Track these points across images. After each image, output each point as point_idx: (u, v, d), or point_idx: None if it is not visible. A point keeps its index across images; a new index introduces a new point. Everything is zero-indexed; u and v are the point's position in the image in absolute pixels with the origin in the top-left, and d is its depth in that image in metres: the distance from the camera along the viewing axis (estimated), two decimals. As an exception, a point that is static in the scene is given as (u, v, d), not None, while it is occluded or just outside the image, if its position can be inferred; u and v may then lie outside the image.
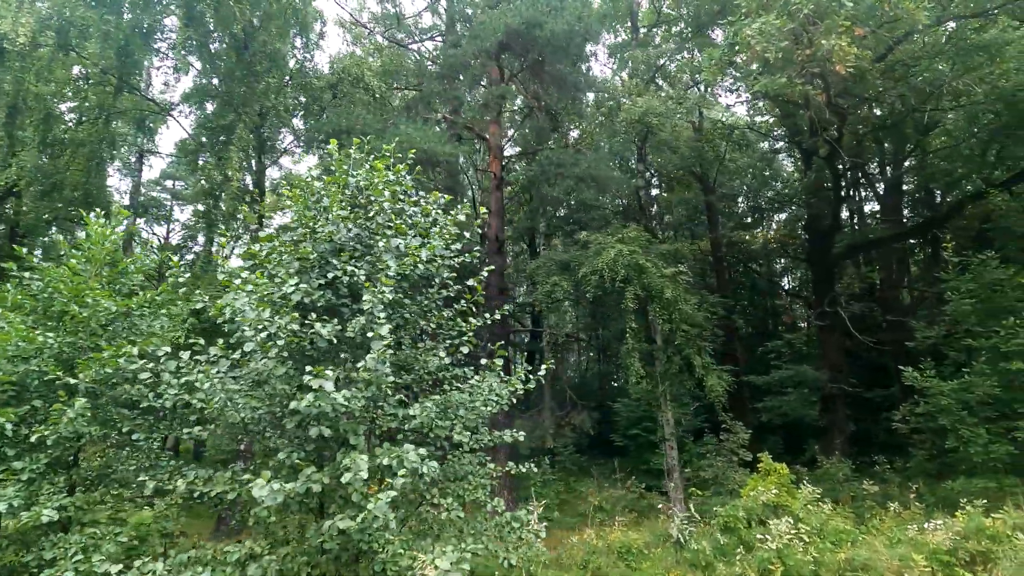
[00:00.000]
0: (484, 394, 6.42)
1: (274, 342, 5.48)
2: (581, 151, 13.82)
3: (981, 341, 10.90)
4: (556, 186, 12.96)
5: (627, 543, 10.10)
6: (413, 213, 7.21)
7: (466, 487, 6.49)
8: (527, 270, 14.08)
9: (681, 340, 12.05)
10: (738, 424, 14.87)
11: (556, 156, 12.98)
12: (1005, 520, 8.11)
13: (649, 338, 14.60)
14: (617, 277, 11.51)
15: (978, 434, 10.32)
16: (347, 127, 12.05)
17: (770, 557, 7.89)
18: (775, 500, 9.82)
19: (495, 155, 16.98)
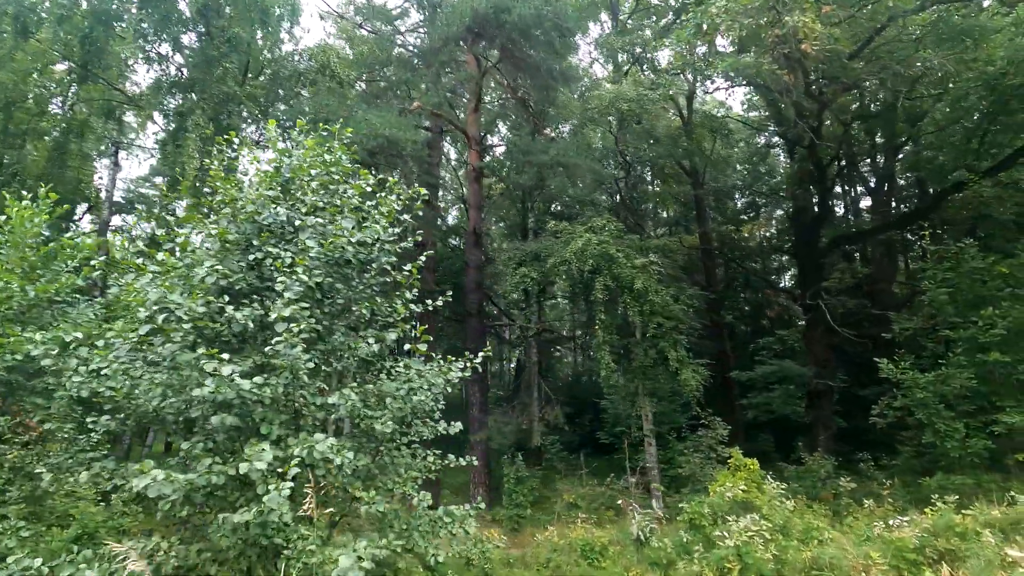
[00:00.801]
0: (414, 383, 6.09)
1: (178, 325, 5.18)
2: (554, 140, 13.48)
3: (959, 332, 10.52)
4: (523, 174, 12.61)
5: (590, 541, 9.78)
6: (349, 194, 6.89)
7: (395, 480, 6.17)
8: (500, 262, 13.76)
9: (654, 332, 11.70)
10: (717, 420, 14.52)
11: (524, 144, 12.65)
12: (975, 517, 7.75)
13: (627, 331, 14.27)
14: (585, 267, 11.17)
15: (955, 428, 9.95)
16: (311, 115, 11.75)
17: (727, 555, 7.56)
18: (743, 497, 9.48)
19: (473, 147, 16.66)
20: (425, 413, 6.76)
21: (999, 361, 9.73)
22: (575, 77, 13.64)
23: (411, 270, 6.94)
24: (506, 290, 12.33)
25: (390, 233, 7.17)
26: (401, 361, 6.22)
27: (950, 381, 10.17)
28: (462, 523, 6.08)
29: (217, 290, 5.81)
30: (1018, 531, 7.45)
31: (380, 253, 6.98)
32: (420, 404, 6.32)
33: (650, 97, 11.66)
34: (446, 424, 6.63)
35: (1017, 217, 12.08)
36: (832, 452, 15.80)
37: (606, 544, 9.55)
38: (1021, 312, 9.81)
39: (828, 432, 17.20)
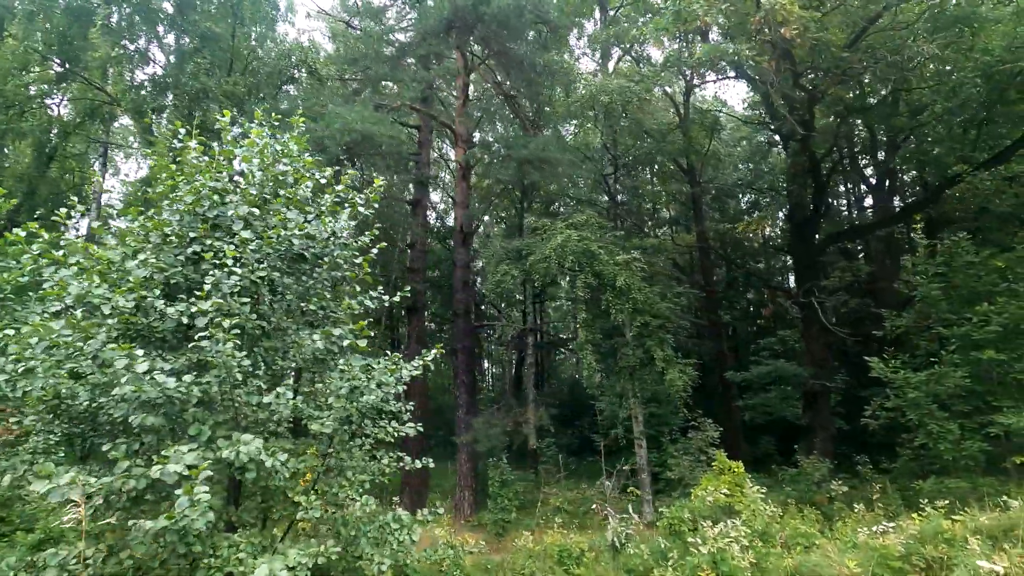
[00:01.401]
0: (358, 382, 5.80)
1: (101, 320, 4.94)
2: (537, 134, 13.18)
3: (953, 329, 10.08)
4: (503, 169, 12.32)
5: (567, 548, 9.44)
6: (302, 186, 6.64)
7: (343, 483, 5.88)
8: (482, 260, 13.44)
9: (638, 331, 11.35)
10: (707, 422, 14.12)
11: (504, 138, 12.35)
12: (965, 523, 7.33)
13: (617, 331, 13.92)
14: (565, 264, 10.85)
15: (949, 430, 9.51)
16: (287, 111, 11.53)
17: (700, 563, 7.20)
18: (726, 501, 9.10)
19: (460, 144, 16.41)
20: (376, 414, 6.48)
21: (994, 359, 9.29)
22: (559, 71, 13.36)
23: (362, 264, 6.68)
24: (488, 289, 12.02)
25: (345, 227, 6.92)
26: (345, 359, 5.90)
27: (943, 380, 9.74)
28: (409, 530, 5.75)
29: (156, 285, 5.57)
30: (1009, 538, 7.03)
31: (334, 247, 6.72)
32: (368, 404, 6.02)
33: (632, 90, 11.33)
34: (398, 425, 6.34)
35: (1014, 210, 11.60)
36: (830, 454, 15.34)
37: (584, 550, 9.20)
38: (1017, 308, 9.37)
39: (826, 434, 16.70)
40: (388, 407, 7.75)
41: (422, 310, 18.09)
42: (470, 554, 9.51)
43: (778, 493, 14.43)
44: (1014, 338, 9.48)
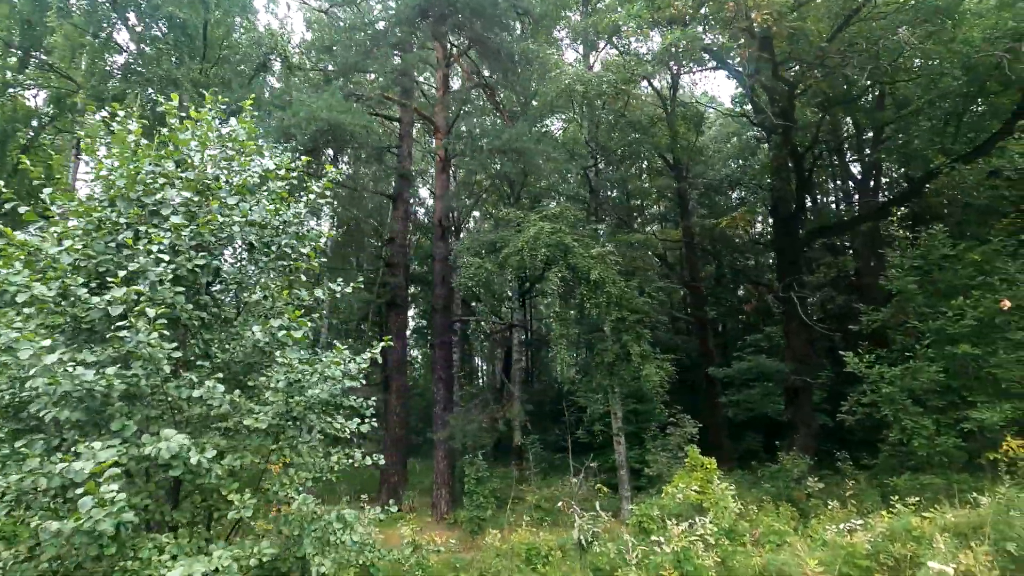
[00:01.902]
0: (296, 375, 5.55)
1: (18, 310, 4.68)
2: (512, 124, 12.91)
3: (928, 323, 9.94)
4: (474, 158, 12.06)
5: (536, 546, 9.23)
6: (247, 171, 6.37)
7: (284, 481, 5.63)
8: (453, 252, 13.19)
9: (613, 325, 11.14)
10: (686, 418, 13.96)
11: (476, 128, 12.08)
12: (935, 520, 7.18)
13: (594, 326, 13.73)
14: (538, 256, 10.63)
15: (923, 425, 9.37)
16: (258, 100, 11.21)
17: (663, 561, 7.01)
18: (697, 498, 8.92)
19: (440, 136, 16.13)
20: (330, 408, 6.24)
21: (969, 354, 9.15)
22: (536, 60, 13.08)
23: (309, 254, 6.42)
24: (460, 283, 11.78)
25: (297, 216, 6.68)
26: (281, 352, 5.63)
27: (918, 375, 9.59)
28: (351, 529, 5.51)
29: (83, 273, 5.31)
30: (979, 535, 6.87)
31: (283, 236, 6.47)
32: (313, 398, 5.78)
33: (608, 79, 11.09)
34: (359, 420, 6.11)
35: (991, 202, 11.45)
36: (812, 450, 15.22)
37: (553, 549, 9.00)
38: (993, 302, 9.23)
39: (808, 430, 16.58)
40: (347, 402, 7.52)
41: (403, 306, 17.83)
42: (435, 553, 9.31)
43: (757, 490, 14.34)
44: (989, 332, 9.34)
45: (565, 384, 13.25)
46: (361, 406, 8.22)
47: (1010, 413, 8.64)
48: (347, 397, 7.42)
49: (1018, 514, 6.53)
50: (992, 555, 6.33)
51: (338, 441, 7.23)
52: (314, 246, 6.54)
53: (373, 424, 6.87)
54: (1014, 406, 8.79)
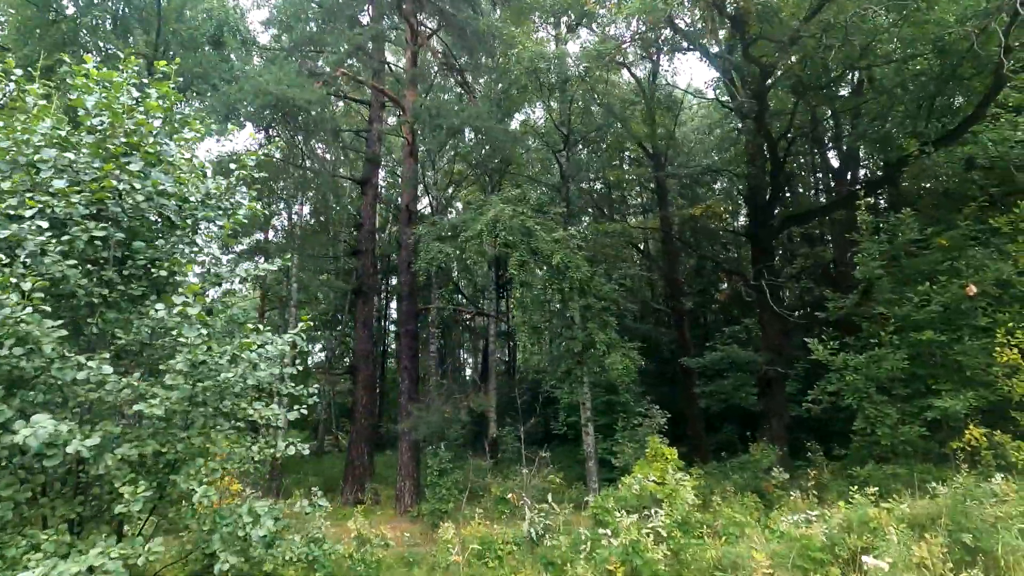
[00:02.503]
0: (202, 357, 5.10)
1: None
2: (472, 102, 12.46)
3: (894, 310, 9.70)
4: (432, 137, 11.59)
5: (490, 539, 8.89)
6: (158, 140, 5.87)
7: (190, 473, 5.19)
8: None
9: (577, 312, 10.78)
10: (655, 408, 13.68)
11: (434, 105, 11.60)
12: (892, 511, 6.92)
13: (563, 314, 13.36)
14: (498, 240, 10.21)
15: (887, 414, 9.14)
16: (200, 75, 10.64)
17: (611, 555, 6.68)
18: (655, 489, 8.61)
19: (408, 119, 15.60)
20: (245, 394, 5.79)
21: (934, 341, 8.92)
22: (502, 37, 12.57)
23: (224, 226, 5.96)
24: (418, 268, 11.33)
25: (219, 188, 6.21)
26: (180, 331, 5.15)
27: (883, 363, 9.35)
28: (258, 524, 5.09)
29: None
30: (937, 526, 6.63)
31: (202, 209, 6.00)
32: (226, 382, 5.34)
33: (574, 56, 10.66)
34: (257, 408, 5.66)
35: (961, 188, 11.21)
36: (784, 441, 15.05)
37: (509, 542, 8.65)
38: (959, 288, 8.99)
39: (780, 421, 16.41)
40: (284, 389, 7.09)
41: (369, 293, 17.35)
42: (383, 547, 8.93)
43: (726, 481, 14.14)
44: (955, 319, 9.12)
45: (530, 373, 12.87)
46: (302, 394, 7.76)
47: (973, 401, 8.43)
48: (284, 383, 7.00)
49: (974, 504, 6.28)
50: (947, 547, 6.08)
51: (268, 430, 6.78)
52: (234, 220, 6.08)
53: (302, 412, 6.48)
54: (977, 394, 8.58)
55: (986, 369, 8.67)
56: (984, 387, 8.65)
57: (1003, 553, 5.93)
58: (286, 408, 6.53)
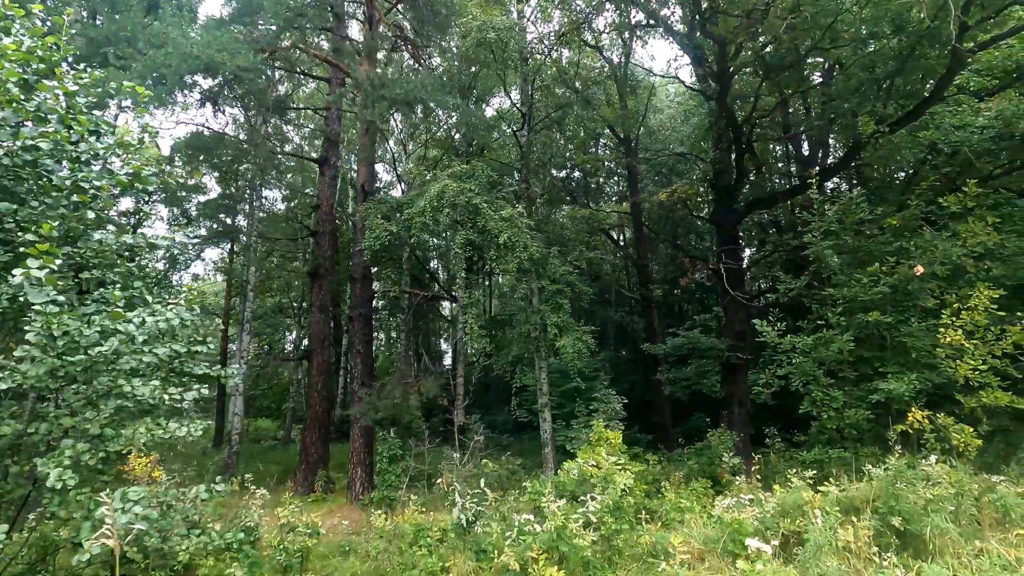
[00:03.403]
0: (80, 330, 4.63)
1: None
2: (417, 72, 11.94)
3: (843, 291, 9.51)
4: (372, 108, 11.07)
5: (424, 526, 8.55)
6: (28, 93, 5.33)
7: (53, 457, 4.73)
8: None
9: (524, 292, 10.42)
10: (611, 394, 13.44)
11: (375, 76, 11.05)
12: (827, 495, 6.71)
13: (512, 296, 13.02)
14: (441, 217, 9.78)
15: (833, 397, 8.97)
16: (127, 39, 9.96)
17: (535, 542, 6.38)
18: (593, 473, 8.32)
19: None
20: (125, 371, 5.33)
21: (881, 322, 8.74)
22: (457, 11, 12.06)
23: (101, 188, 5.45)
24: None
25: (94, 149, 5.68)
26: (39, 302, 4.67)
27: (829, 345, 9.16)
28: (124, 511, 4.66)
29: None
30: (870, 509, 6.43)
31: (63, 163, 5.48)
32: (101, 356, 4.87)
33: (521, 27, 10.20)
34: (136, 384, 5.20)
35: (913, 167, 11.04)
36: (747, 428, 14.95)
37: (444, 529, 8.32)
38: (908, 268, 8.82)
39: (742, 408, 16.31)
40: (195, 368, 6.65)
41: (326, 276, 16.78)
42: (309, 535, 8.53)
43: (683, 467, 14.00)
44: (903, 300, 8.95)
45: (472, 353, 12.50)
46: (219, 375, 7.32)
47: (918, 384, 8.27)
48: (187, 361, 6.54)
49: (904, 487, 6.08)
50: (874, 530, 5.88)
51: (177, 412, 6.38)
52: (116, 182, 5.58)
53: (201, 391, 6.05)
54: (923, 376, 8.43)
55: (931, 351, 8.52)
56: (929, 369, 8.51)
57: (931, 536, 5.75)
58: (194, 388, 6.08)
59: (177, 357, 6.66)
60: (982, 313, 8.16)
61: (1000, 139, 10.97)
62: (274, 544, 7.88)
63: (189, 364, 6.81)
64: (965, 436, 7.83)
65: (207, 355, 7.15)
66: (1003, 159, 11.70)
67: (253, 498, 9.50)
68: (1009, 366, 8.28)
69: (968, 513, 6.28)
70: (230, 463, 17.85)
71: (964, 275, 9.46)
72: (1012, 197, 11.52)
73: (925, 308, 8.86)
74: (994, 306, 8.18)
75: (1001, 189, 11.60)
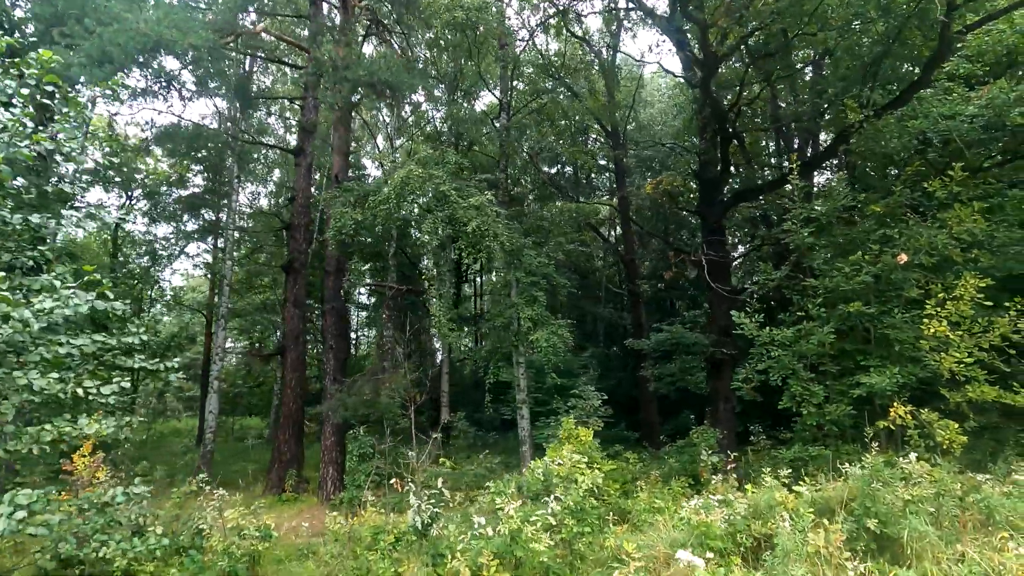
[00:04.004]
0: None
1: None
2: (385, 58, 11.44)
3: (824, 281, 9.10)
4: (334, 92, 10.59)
5: (383, 529, 8.11)
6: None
7: None
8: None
9: (498, 285, 9.97)
10: (589, 390, 13.01)
11: (336, 58, 10.57)
12: (800, 495, 6.29)
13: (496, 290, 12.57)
14: (405, 204, 9.32)
15: (812, 392, 8.56)
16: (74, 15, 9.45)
17: (487, 546, 5.94)
18: (558, 471, 7.89)
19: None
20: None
21: (863, 313, 8.33)
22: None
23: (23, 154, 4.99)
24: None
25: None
26: None
27: (810, 338, 8.75)
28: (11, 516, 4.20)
29: None
30: (849, 511, 6.01)
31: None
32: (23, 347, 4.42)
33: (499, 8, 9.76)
34: (35, 376, 4.74)
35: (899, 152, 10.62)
36: (733, 425, 14.56)
37: (395, 532, 7.88)
38: (891, 256, 8.41)
39: (729, 404, 15.91)
40: (124, 360, 6.20)
41: (301, 270, 16.30)
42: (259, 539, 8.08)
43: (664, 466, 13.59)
44: (886, 290, 8.54)
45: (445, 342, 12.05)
46: (158, 368, 6.90)
47: (901, 377, 7.86)
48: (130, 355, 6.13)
49: (880, 486, 5.66)
50: (848, 533, 5.46)
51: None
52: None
53: (122, 384, 5.61)
54: (907, 370, 8.02)
55: (915, 343, 8.11)
56: (913, 363, 8.10)
57: (909, 540, 5.33)
58: (114, 382, 5.63)
59: (109, 350, 6.22)
60: (968, 303, 7.75)
61: (991, 128, 10.56)
62: (218, 549, 7.42)
63: (123, 357, 6.38)
64: (950, 432, 7.42)
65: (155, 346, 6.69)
66: (994, 150, 11.30)
67: (210, 499, 9.07)
68: (996, 359, 7.87)
69: (950, 514, 5.87)
70: (204, 462, 17.38)
71: (952, 266, 9.07)
72: (1003, 187, 11.14)
73: (909, 299, 8.45)
74: (981, 295, 7.78)
75: (991, 179, 11.21)
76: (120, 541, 5.55)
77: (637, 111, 27.50)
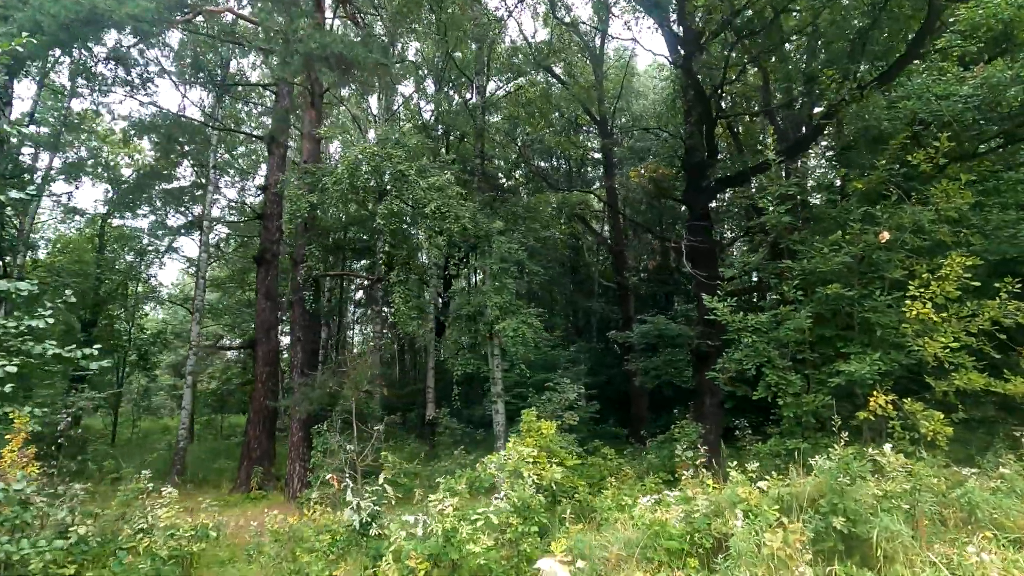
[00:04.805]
0: None
1: None
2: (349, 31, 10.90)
3: (802, 263, 8.52)
4: (282, 66, 10.04)
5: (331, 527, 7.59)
6: None
7: None
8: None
9: (455, 270, 9.42)
10: (565, 383, 12.46)
11: (288, 30, 9.97)
12: (767, 492, 5.73)
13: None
14: (358, 183, 8.78)
15: (789, 381, 7.99)
16: None
17: (413, 548, 5.40)
18: (514, 466, 7.35)
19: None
20: None
21: (842, 296, 7.76)
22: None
23: None
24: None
25: None
26: None
27: (785, 323, 8.18)
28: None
29: None
30: (816, 508, 5.45)
31: None
32: None
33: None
34: None
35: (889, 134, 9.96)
36: (719, 419, 13.99)
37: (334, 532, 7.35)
38: (872, 235, 7.84)
39: (715, 398, 15.34)
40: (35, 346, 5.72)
41: (273, 261, 15.78)
42: (194, 539, 7.57)
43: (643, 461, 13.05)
44: (867, 271, 7.97)
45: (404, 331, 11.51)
46: (74, 355, 6.41)
47: (883, 365, 7.29)
48: (25, 339, 5.62)
49: (848, 481, 5.10)
50: (814, 533, 4.91)
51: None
52: None
53: (8, 370, 5.09)
54: (889, 357, 7.45)
55: (897, 328, 7.54)
56: (896, 349, 7.53)
57: (879, 540, 4.77)
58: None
59: (18, 335, 5.73)
60: (954, 283, 7.17)
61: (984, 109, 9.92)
62: (141, 550, 6.91)
63: (31, 342, 5.88)
64: (935, 423, 6.85)
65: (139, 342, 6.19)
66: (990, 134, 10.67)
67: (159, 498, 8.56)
68: (986, 345, 7.29)
69: (929, 512, 5.31)
70: (178, 459, 16.89)
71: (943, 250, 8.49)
72: (998, 170, 10.53)
73: (893, 280, 7.86)
74: (967, 275, 7.19)
75: (986, 162, 10.61)
76: (35, 541, 5.07)
77: (629, 102, 26.96)
